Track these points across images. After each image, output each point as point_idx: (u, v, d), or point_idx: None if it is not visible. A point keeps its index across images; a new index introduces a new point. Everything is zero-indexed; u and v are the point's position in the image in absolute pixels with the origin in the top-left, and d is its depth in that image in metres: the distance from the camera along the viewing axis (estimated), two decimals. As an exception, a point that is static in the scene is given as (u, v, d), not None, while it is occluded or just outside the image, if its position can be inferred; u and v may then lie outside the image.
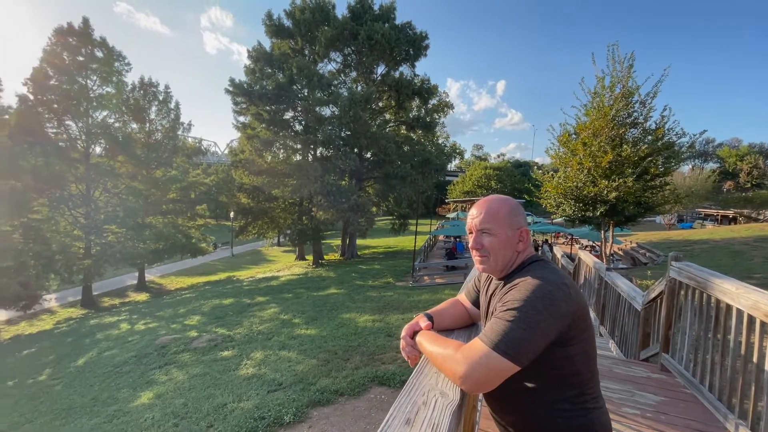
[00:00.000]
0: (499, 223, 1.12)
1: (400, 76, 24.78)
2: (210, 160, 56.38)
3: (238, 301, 14.05)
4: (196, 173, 25.95)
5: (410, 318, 7.24)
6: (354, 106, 21.53)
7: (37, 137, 18.67)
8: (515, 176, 55.71)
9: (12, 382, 9.09)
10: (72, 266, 18.60)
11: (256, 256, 36.09)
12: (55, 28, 19.99)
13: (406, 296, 12.05)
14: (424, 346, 1.11)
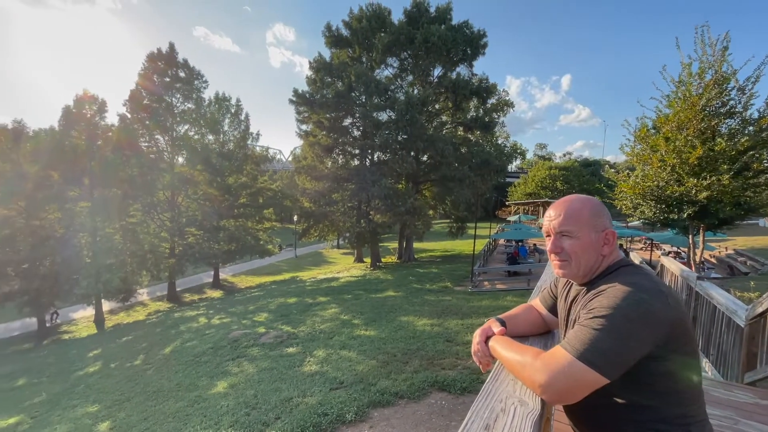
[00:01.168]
0: (581, 225, 1.04)
1: (457, 77, 24.39)
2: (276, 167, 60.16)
3: (301, 300, 14.73)
4: (263, 179, 27.77)
5: (470, 324, 7.08)
6: (410, 109, 21.61)
7: (133, 150, 21.31)
8: (584, 176, 51.77)
9: (114, 365, 10.41)
10: (160, 264, 20.87)
11: (318, 257, 37.62)
12: (148, 54, 22.72)
13: (465, 301, 11.76)
14: (499, 351, 1.07)
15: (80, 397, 8.11)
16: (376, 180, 22.14)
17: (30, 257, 16.50)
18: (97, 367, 10.66)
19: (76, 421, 6.81)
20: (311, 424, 4.51)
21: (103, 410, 7.05)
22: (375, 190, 21.72)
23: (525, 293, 12.55)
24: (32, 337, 17.65)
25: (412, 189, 24.31)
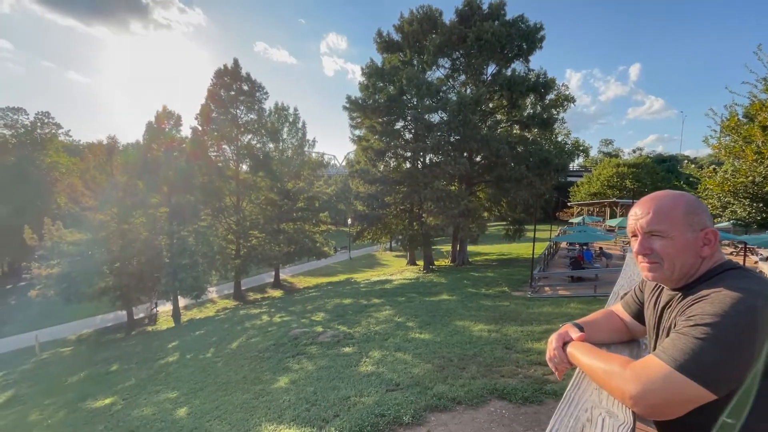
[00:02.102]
0: (674, 224, 0.94)
1: (512, 74, 23.48)
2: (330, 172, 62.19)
3: (356, 301, 15.03)
4: (319, 184, 28.85)
5: (530, 331, 6.74)
6: (463, 109, 21.20)
7: (203, 160, 23.26)
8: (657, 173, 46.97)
9: (189, 356, 11.38)
10: (227, 264, 22.49)
11: (371, 259, 38.18)
12: (215, 71, 24.72)
13: (525, 307, 11.22)
14: (579, 358, 1.00)
15: (162, 384, 8.97)
16: (428, 182, 21.99)
17: (121, 257, 18.66)
18: (175, 357, 11.73)
19: (159, 405, 7.53)
20: (369, 424, 4.57)
21: (181, 397, 7.72)
22: (427, 193, 21.57)
23: (591, 301, 11.69)
24: (123, 328, 19.92)
25: (465, 191, 23.80)
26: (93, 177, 19.87)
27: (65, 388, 10.84)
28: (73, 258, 17.84)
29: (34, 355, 16.40)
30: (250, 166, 26.15)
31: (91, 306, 19.49)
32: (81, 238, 18.16)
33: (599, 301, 11.26)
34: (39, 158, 35.02)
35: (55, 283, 17.65)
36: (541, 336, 7.70)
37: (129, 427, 6.40)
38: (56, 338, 19.19)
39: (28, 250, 20.19)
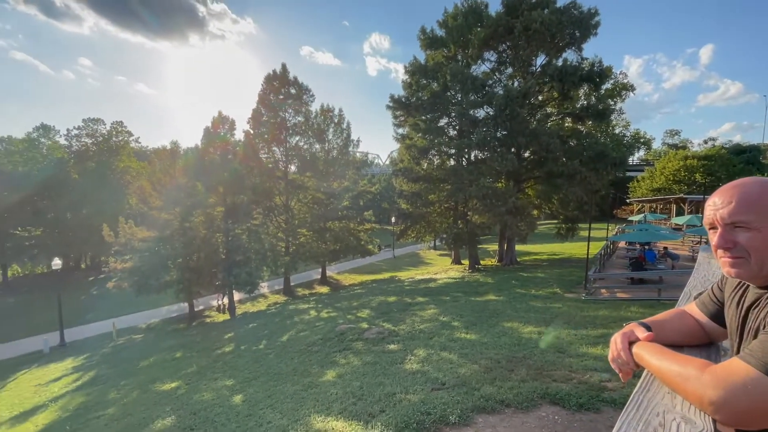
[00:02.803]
0: (763, 214, 0.84)
1: (564, 64, 22.24)
2: (374, 171, 62.86)
3: (400, 299, 15.08)
4: (363, 183, 29.30)
5: (585, 335, 6.36)
6: (510, 103, 20.46)
7: (255, 162, 24.48)
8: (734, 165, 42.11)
9: (243, 347, 12.06)
10: (277, 261, 23.51)
11: (415, 258, 38.09)
12: (265, 76, 25.88)
13: (578, 310, 10.62)
14: (648, 360, 0.92)
15: (219, 372, 9.59)
16: (473, 179, 21.48)
17: (183, 253, 20.19)
18: (231, 347, 12.49)
19: (217, 391, 8.06)
20: (415, 421, 4.57)
21: (237, 385, 8.21)
22: (472, 190, 21.08)
23: (655, 305, 10.79)
24: (185, 319, 21.56)
25: (513, 188, 22.97)
26: (159, 179, 21.69)
27: (137, 371, 11.94)
28: (143, 253, 19.60)
29: (112, 340, 18.24)
30: (298, 166, 27.11)
31: (158, 297, 21.32)
32: (149, 236, 19.89)
33: (665, 306, 10.36)
34: (114, 163, 38.84)
35: (128, 276, 19.53)
36: (596, 340, 7.25)
37: (192, 410, 6.91)
38: (130, 326, 21.19)
39: (106, 246, 22.47)
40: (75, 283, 32.90)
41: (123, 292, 20.23)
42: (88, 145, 38.98)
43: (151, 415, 7.07)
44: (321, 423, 5.27)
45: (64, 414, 8.77)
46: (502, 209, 20.44)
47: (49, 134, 38.20)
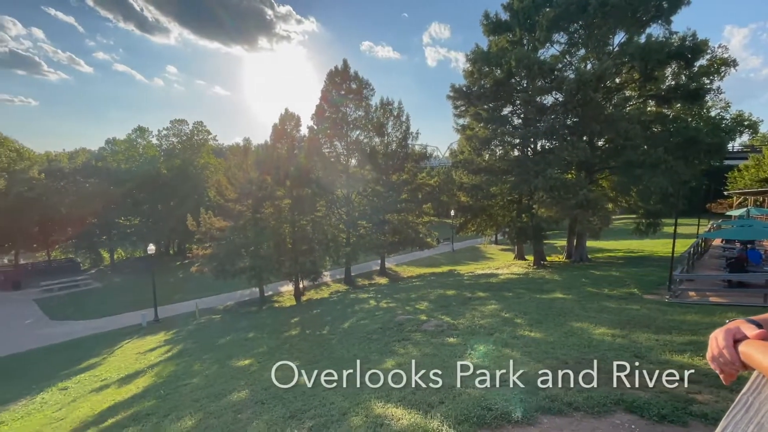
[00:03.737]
0: None
1: (648, 40, 19.94)
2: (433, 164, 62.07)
3: (459, 293, 14.84)
4: (422, 176, 29.08)
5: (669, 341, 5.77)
6: (582, 88, 18.91)
7: (318, 156, 25.49)
8: None
9: (308, 331, 12.76)
10: (339, 251, 24.40)
11: (475, 252, 37.15)
12: (328, 73, 26.69)
13: (661, 313, 9.62)
14: (759, 359, 0.82)
15: (287, 353, 10.26)
16: (539, 171, 20.27)
17: (254, 242, 21.83)
18: (296, 331, 13.28)
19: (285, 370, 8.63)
20: (475, 415, 4.51)
21: (302, 366, 8.72)
22: (539, 182, 19.91)
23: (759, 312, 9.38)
24: (256, 303, 23.34)
25: (584, 179, 21.28)
26: (233, 174, 23.58)
27: (216, 347, 13.22)
28: (220, 242, 21.53)
29: (195, 318, 20.36)
30: (358, 160, 27.72)
31: (233, 282, 23.33)
32: (225, 225, 21.76)
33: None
34: (196, 159, 42.93)
35: (207, 262, 21.62)
36: (683, 347, 6.52)
37: (263, 386, 7.49)
38: (210, 306, 23.47)
39: (190, 234, 25.03)
40: (165, 267, 37.16)
41: (204, 276, 22.45)
42: (175, 143, 43.50)
43: (229, 388, 7.79)
44: (381, 408, 5.42)
45: (158, 380, 10.03)
46: (572, 202, 19.06)
47: (144, 135, 43.27)
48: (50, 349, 17.70)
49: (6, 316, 23.40)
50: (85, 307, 25.15)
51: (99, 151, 43.28)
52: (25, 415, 9.44)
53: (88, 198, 35.44)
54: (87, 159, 42.07)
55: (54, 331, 20.39)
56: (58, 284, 29.91)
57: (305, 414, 5.53)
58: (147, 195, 39.42)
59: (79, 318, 22.83)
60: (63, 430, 7.45)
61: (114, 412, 7.77)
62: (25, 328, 21.26)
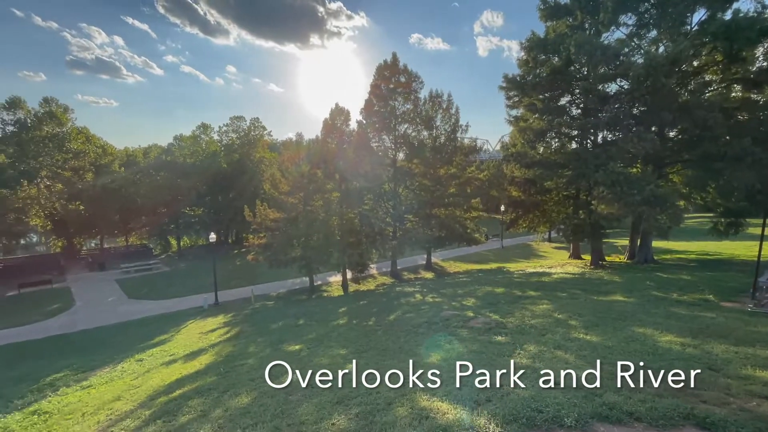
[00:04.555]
0: None
1: (735, 17, 17.70)
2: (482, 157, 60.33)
3: (509, 291, 14.38)
4: (471, 170, 28.38)
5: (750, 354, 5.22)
6: (653, 73, 17.30)
7: (367, 150, 25.77)
8: None
9: (355, 321, 13.06)
10: (385, 244, 24.64)
11: (526, 250, 35.70)
12: (377, 67, 26.76)
13: (742, 323, 8.64)
14: None
15: (335, 341, 10.60)
16: (600, 164, 18.94)
17: (305, 233, 22.69)
18: (344, 320, 13.66)
19: (333, 358, 8.93)
20: (524, 417, 4.37)
21: (349, 355, 8.96)
22: (599, 176, 18.62)
23: None
24: (306, 291, 24.32)
25: (652, 173, 19.54)
26: (286, 168, 24.61)
27: (269, 332, 13.97)
28: (274, 232, 22.64)
29: (251, 304, 21.67)
30: (406, 154, 27.65)
31: (285, 271, 24.48)
32: (279, 217, 22.83)
33: None
34: (252, 154, 45.34)
35: (262, 251, 22.85)
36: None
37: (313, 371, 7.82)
38: (264, 293, 24.83)
39: (246, 225, 26.58)
40: (224, 254, 39.84)
41: (258, 264, 23.78)
42: (234, 139, 46.24)
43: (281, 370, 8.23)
44: (426, 401, 5.43)
45: (218, 358, 10.83)
46: (637, 198, 17.60)
47: (206, 131, 46.47)
48: (128, 324, 19.80)
49: (94, 293, 26.51)
50: (156, 288, 27.75)
51: (168, 147, 47.19)
52: (109, 380, 10.67)
53: (159, 189, 38.90)
54: (158, 154, 46.08)
55: (131, 309, 22.77)
56: (134, 267, 33.28)
57: (352, 401, 5.70)
58: (209, 187, 42.39)
59: (151, 298, 25.26)
60: (139, 396, 8.33)
61: (180, 385, 8.53)
62: (109, 304, 23.95)
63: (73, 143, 37.83)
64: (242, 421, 5.64)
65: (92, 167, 38.63)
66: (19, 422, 8.11)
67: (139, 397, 8.19)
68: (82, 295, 26.04)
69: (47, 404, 9.12)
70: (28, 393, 10.56)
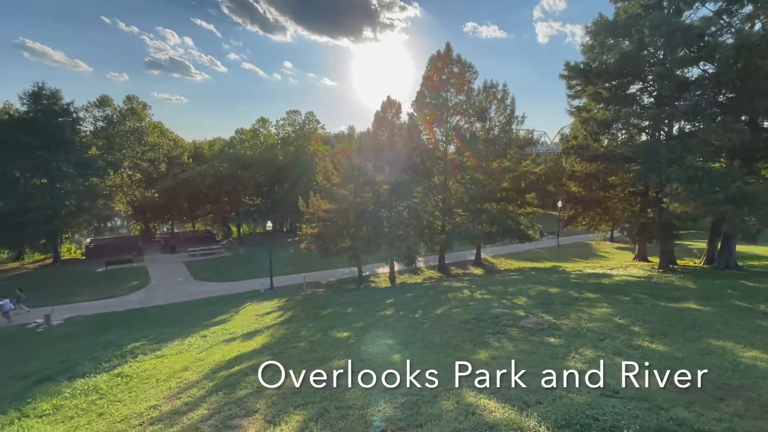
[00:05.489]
0: None
1: None
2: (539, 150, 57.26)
3: (564, 292, 13.65)
4: (526, 163, 27.13)
5: None
6: (746, 54, 15.29)
7: (417, 143, 25.61)
8: None
9: (403, 313, 13.17)
10: (434, 238, 24.46)
11: (584, 249, 33.57)
12: (430, 58, 26.37)
13: None
14: None
15: (382, 331, 10.78)
16: (675, 158, 17.16)
17: (354, 224, 23.20)
18: (391, 311, 13.82)
19: (379, 347, 9.10)
20: (578, 423, 4.16)
21: (396, 345, 9.08)
22: (673, 172, 16.89)
23: None
24: (354, 281, 24.92)
25: (739, 168, 17.34)
26: (338, 160, 25.21)
27: (319, 318, 14.55)
28: (325, 222, 23.37)
29: (303, 290, 22.67)
30: (457, 146, 27.07)
31: (335, 260, 25.24)
32: (330, 208, 23.51)
33: None
34: (306, 147, 47.02)
35: (314, 240, 23.72)
36: None
37: (360, 358, 8.03)
38: (315, 281, 25.85)
39: (300, 214, 27.72)
40: (279, 242, 41.92)
41: (310, 252, 24.73)
42: (289, 132, 48.23)
43: (330, 355, 8.55)
44: (472, 398, 5.36)
45: (272, 340, 11.50)
46: (719, 196, 15.75)
47: (264, 125, 48.90)
48: (194, 303, 21.65)
49: (166, 273, 29.28)
50: (219, 271, 29.98)
51: (230, 140, 50.34)
52: (178, 352, 11.79)
53: (222, 180, 41.77)
54: (221, 147, 49.37)
55: (197, 289, 24.85)
56: (200, 251, 36.18)
57: (398, 390, 5.76)
58: (267, 178, 44.71)
59: (214, 280, 27.36)
60: (203, 368, 9.11)
61: (239, 361, 9.19)
62: (178, 284, 26.34)
63: (150, 137, 41.79)
64: (293, 399, 5.95)
65: (165, 158, 42.41)
66: (106, 382, 9.25)
67: (203, 370, 8.94)
68: (156, 274, 28.87)
69: (128, 368, 10.30)
70: (113, 357, 12.00)
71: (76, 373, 10.80)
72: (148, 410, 6.82)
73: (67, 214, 30.90)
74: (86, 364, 11.50)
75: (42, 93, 30.34)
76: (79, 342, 15.27)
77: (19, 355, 14.37)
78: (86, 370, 10.89)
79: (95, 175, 33.99)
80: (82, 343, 14.93)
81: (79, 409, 7.75)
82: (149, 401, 7.32)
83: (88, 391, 8.76)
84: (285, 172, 44.42)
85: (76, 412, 7.62)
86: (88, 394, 8.58)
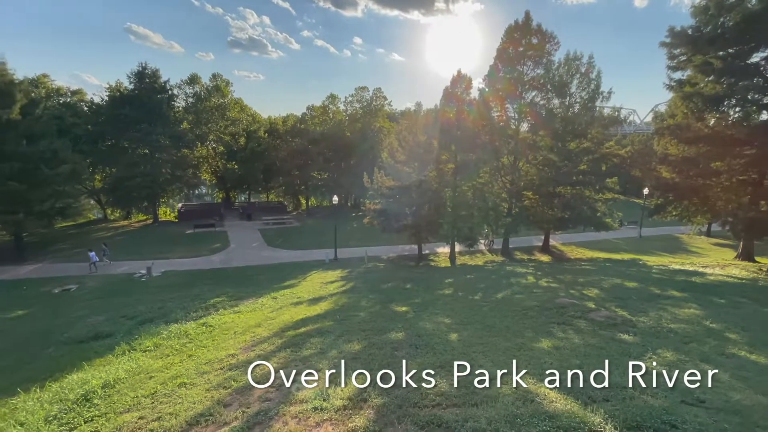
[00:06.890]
0: None
1: None
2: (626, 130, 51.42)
3: (643, 287, 12.44)
4: (610, 144, 24.62)
5: None
6: None
7: (486, 120, 24.41)
8: None
9: (460, 294, 13.07)
10: (498, 221, 23.55)
11: (671, 243, 30.05)
12: (506, 29, 24.59)
13: None
14: None
15: (439, 309, 10.83)
16: (805, 141, 14.36)
17: (417, 202, 23.15)
18: (449, 291, 13.78)
19: (437, 324, 9.18)
20: (651, 427, 3.87)
21: (453, 324, 9.08)
22: (800, 158, 14.18)
23: None
24: (414, 258, 25.14)
25: None
26: (404, 137, 25.05)
27: (379, 291, 15.01)
28: (388, 199, 23.66)
29: (364, 263, 23.46)
30: (531, 124, 25.31)
31: (396, 237, 25.59)
32: (394, 185, 23.67)
33: None
34: (373, 123, 47.31)
35: (376, 216, 24.21)
36: None
37: (417, 332, 8.19)
38: (376, 255, 26.57)
39: (364, 190, 28.37)
40: (344, 216, 43.50)
41: (373, 227, 25.35)
42: (357, 108, 48.79)
43: (388, 327, 8.83)
44: (532, 385, 5.22)
45: (335, 307, 12.17)
46: None
47: (334, 101, 49.97)
48: (267, 267, 23.57)
49: (244, 239, 32.12)
50: (289, 240, 32.12)
51: (302, 116, 52.40)
52: (252, 310, 13.03)
53: (293, 154, 43.98)
54: (294, 122, 51.68)
55: (269, 255, 26.96)
56: (273, 220, 38.96)
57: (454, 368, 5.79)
58: (334, 153, 46.10)
59: (284, 248, 29.42)
60: (274, 326, 9.99)
61: (305, 324, 9.90)
62: (253, 249, 28.79)
63: (231, 112, 45.07)
64: (353, 364, 6.28)
65: (244, 133, 45.63)
66: (194, 329, 10.58)
67: (274, 328, 9.79)
68: (235, 238, 31.80)
69: (211, 319, 11.65)
70: (199, 309, 13.64)
71: (170, 318, 12.52)
72: (227, 357, 7.69)
73: (163, 181, 35.17)
74: (178, 312, 13.24)
75: (145, 72, 34.15)
76: (172, 292, 17.59)
77: (128, 299, 16.97)
78: (178, 317, 12.56)
79: (186, 146, 37.89)
80: (174, 294, 17.18)
81: (174, 349, 9.00)
82: (228, 350, 8.24)
83: (180, 335, 10.12)
84: (351, 147, 45.34)
85: (171, 351, 8.86)
86: (180, 338, 9.90)
